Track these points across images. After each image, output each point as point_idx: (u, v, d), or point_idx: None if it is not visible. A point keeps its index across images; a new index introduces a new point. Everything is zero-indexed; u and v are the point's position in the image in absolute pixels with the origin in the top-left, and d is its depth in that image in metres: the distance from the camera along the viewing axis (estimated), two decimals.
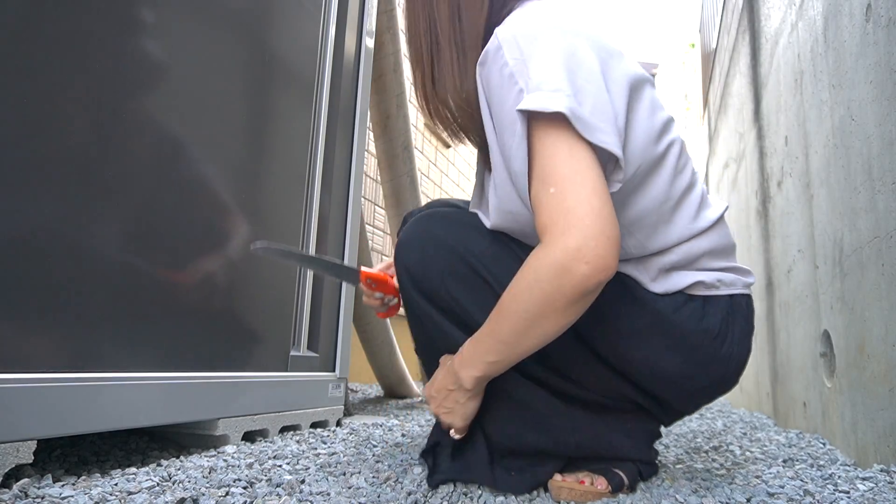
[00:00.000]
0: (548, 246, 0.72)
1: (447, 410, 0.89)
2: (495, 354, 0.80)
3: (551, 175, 0.73)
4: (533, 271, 0.74)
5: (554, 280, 0.71)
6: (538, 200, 0.74)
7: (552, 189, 0.73)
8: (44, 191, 0.90)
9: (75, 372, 0.91)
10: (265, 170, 1.39)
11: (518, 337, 0.77)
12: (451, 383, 0.87)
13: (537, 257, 0.74)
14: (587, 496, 0.87)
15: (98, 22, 0.98)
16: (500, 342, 0.79)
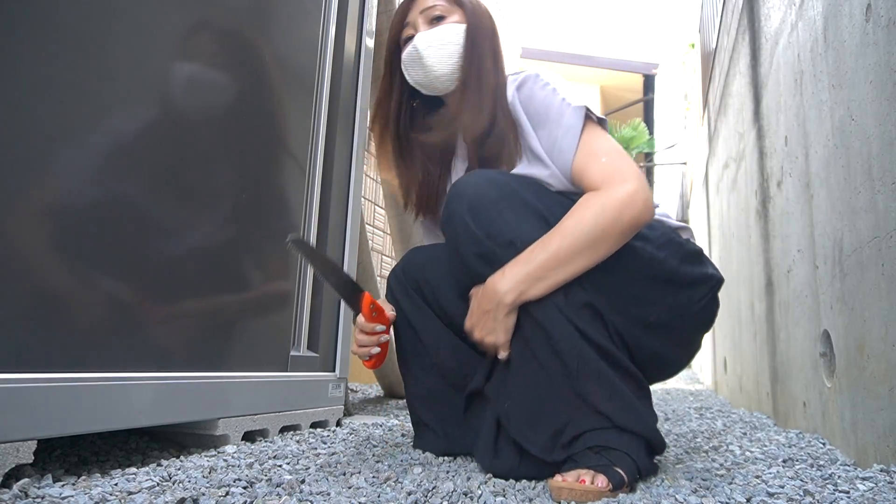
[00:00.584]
0: (610, 189, 0.99)
1: (490, 331, 0.99)
2: (543, 270, 0.96)
3: (601, 150, 1.04)
4: (599, 204, 0.97)
5: (617, 210, 0.96)
6: (589, 167, 1.03)
7: (604, 158, 1.02)
8: (42, 190, 0.90)
9: (75, 372, 0.91)
10: (265, 169, 1.39)
11: (572, 255, 0.96)
12: (488, 303, 0.99)
13: (602, 195, 0.98)
14: (588, 495, 0.86)
15: (97, 21, 0.98)
16: (554, 258, 0.96)
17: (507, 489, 0.91)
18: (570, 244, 0.96)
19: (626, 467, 0.92)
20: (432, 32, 1.16)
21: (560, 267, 0.96)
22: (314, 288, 1.54)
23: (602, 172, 1.01)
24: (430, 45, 1.15)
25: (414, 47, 1.16)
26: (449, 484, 0.91)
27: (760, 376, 2.48)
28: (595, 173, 1.02)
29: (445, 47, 1.15)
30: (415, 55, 1.16)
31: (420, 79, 1.18)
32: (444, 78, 1.16)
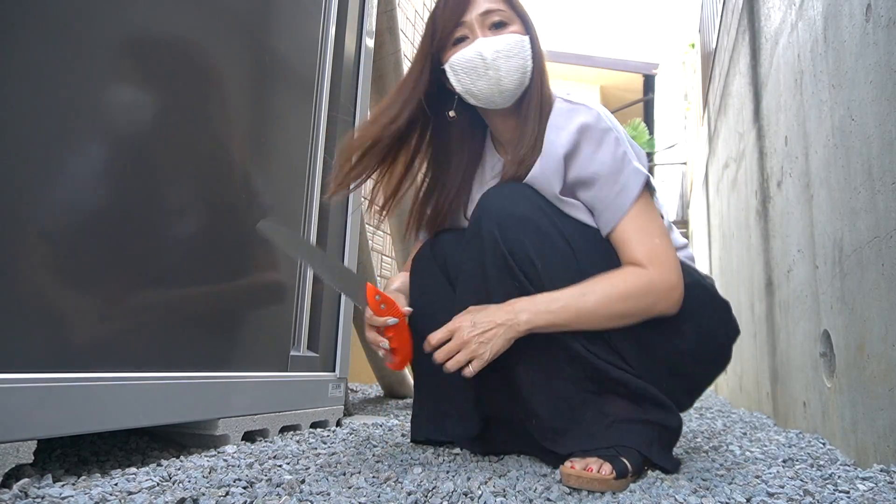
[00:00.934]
0: (656, 275, 1.01)
1: (484, 341, 0.98)
2: (566, 321, 0.98)
3: (654, 230, 1.04)
4: (644, 288, 1.00)
5: (655, 300, 1.01)
6: (639, 241, 1.03)
7: (657, 240, 1.03)
8: (42, 190, 0.90)
9: (75, 372, 0.91)
10: (265, 169, 1.39)
11: (596, 319, 0.99)
12: (502, 318, 0.98)
13: (648, 278, 1.00)
14: (594, 483, 0.92)
15: (97, 21, 0.98)
16: (578, 315, 0.98)
17: (507, 489, 0.91)
18: (601, 311, 0.98)
19: (632, 458, 0.98)
20: (499, 40, 1.07)
21: (580, 322, 0.99)
22: (314, 288, 1.53)
23: (651, 253, 1.02)
24: (497, 53, 1.06)
25: (478, 54, 1.07)
26: (449, 484, 0.91)
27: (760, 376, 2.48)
28: (643, 250, 1.02)
29: (512, 59, 1.08)
30: (477, 62, 1.07)
31: (482, 90, 1.09)
32: (509, 94, 1.09)
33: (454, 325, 1.01)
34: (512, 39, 1.08)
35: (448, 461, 1.11)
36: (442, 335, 1.01)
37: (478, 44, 1.07)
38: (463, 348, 0.98)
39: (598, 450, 0.99)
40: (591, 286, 1.00)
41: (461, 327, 0.99)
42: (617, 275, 1.01)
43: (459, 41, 1.10)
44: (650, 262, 1.01)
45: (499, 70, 1.07)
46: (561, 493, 0.91)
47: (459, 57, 1.09)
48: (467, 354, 0.98)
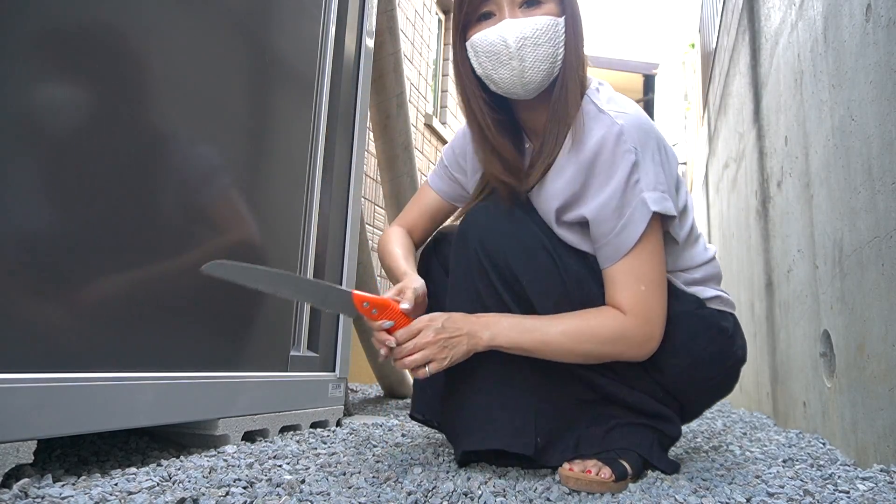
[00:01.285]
0: (631, 323, 0.95)
1: (445, 348, 0.94)
2: (529, 345, 0.95)
3: (645, 276, 0.96)
4: (616, 331, 0.95)
5: (622, 346, 0.96)
6: (625, 285, 0.96)
7: (643, 287, 0.96)
8: (43, 191, 0.90)
9: (75, 372, 0.91)
10: (265, 170, 1.39)
11: (561, 352, 0.96)
12: (468, 328, 0.95)
13: (624, 325, 0.95)
14: (593, 485, 0.92)
15: (97, 21, 0.98)
16: (543, 343, 0.95)
17: (507, 489, 0.91)
18: (566, 346, 0.95)
19: (632, 460, 0.98)
20: (527, 24, 0.94)
21: (544, 352, 0.96)
22: None
23: (634, 300, 0.95)
24: (524, 40, 0.94)
25: (501, 38, 0.94)
26: (449, 484, 0.91)
27: (760, 376, 2.48)
28: (628, 296, 0.96)
29: (541, 48, 0.95)
30: (500, 48, 0.95)
31: (503, 78, 0.97)
32: (534, 87, 0.98)
33: (421, 324, 0.95)
34: (542, 23, 0.95)
35: (448, 461, 1.11)
36: (406, 334, 0.95)
37: (503, 26, 0.95)
38: (424, 349, 0.93)
39: (597, 453, 0.99)
40: (564, 320, 0.96)
41: (428, 327, 0.94)
42: (593, 315, 0.97)
43: (484, 17, 0.98)
44: (630, 310, 0.95)
45: (524, 60, 0.95)
46: (561, 494, 0.91)
47: (481, 38, 0.97)
48: (425, 356, 0.93)
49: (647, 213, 0.94)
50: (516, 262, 0.98)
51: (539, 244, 1.00)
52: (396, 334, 0.95)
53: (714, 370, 1.06)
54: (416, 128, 4.54)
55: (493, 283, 0.99)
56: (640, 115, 0.98)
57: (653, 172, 0.96)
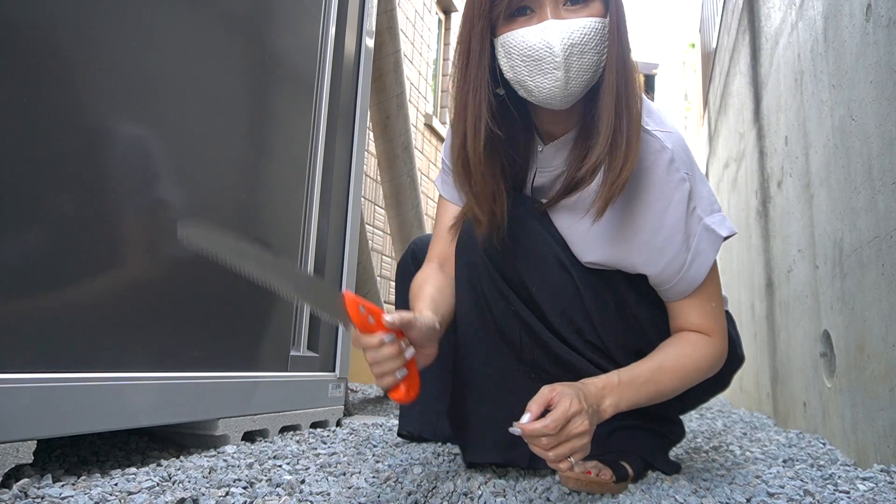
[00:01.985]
0: (719, 344, 0.95)
1: (592, 429, 0.81)
2: (646, 400, 0.90)
3: (713, 294, 0.95)
4: (715, 357, 0.94)
5: (713, 368, 0.95)
6: (700, 308, 0.94)
7: (713, 304, 0.95)
8: (43, 190, 0.90)
9: (75, 372, 0.91)
10: (265, 170, 1.39)
11: (671, 393, 0.93)
12: (593, 405, 0.82)
13: (716, 349, 0.94)
14: (593, 486, 0.91)
15: (97, 21, 0.98)
16: (658, 392, 0.91)
17: (507, 489, 0.91)
18: (671, 385, 0.92)
19: (633, 462, 0.97)
20: (575, 28, 0.81)
21: (658, 397, 0.91)
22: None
23: (711, 320, 0.94)
24: (571, 47, 0.81)
25: (546, 44, 0.81)
26: (449, 484, 0.91)
27: (760, 376, 2.48)
28: (704, 317, 0.94)
29: (587, 55, 0.82)
30: (543, 54, 0.81)
31: (541, 88, 0.84)
32: (573, 97, 0.85)
33: (573, 408, 0.77)
34: (591, 26, 0.81)
35: (448, 461, 1.11)
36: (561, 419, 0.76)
37: (547, 29, 0.81)
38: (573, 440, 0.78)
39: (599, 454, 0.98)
40: (666, 360, 0.92)
41: (581, 413, 0.78)
42: (688, 347, 0.93)
43: (520, 13, 0.83)
44: (713, 332, 0.94)
45: (569, 70, 0.82)
46: (561, 494, 0.91)
47: (519, 38, 0.83)
48: (570, 448, 0.78)
49: (716, 241, 0.91)
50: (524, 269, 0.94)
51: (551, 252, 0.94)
52: (553, 419, 0.76)
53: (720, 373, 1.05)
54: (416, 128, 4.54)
55: (502, 291, 0.95)
56: (678, 132, 0.92)
57: (705, 194, 0.91)
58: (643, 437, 1.02)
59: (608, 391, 0.86)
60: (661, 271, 0.91)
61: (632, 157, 0.83)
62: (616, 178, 0.83)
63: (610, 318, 0.96)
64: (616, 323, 0.97)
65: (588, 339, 0.96)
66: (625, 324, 0.97)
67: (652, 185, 0.88)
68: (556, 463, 0.78)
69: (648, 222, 0.89)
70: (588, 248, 0.94)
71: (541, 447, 0.77)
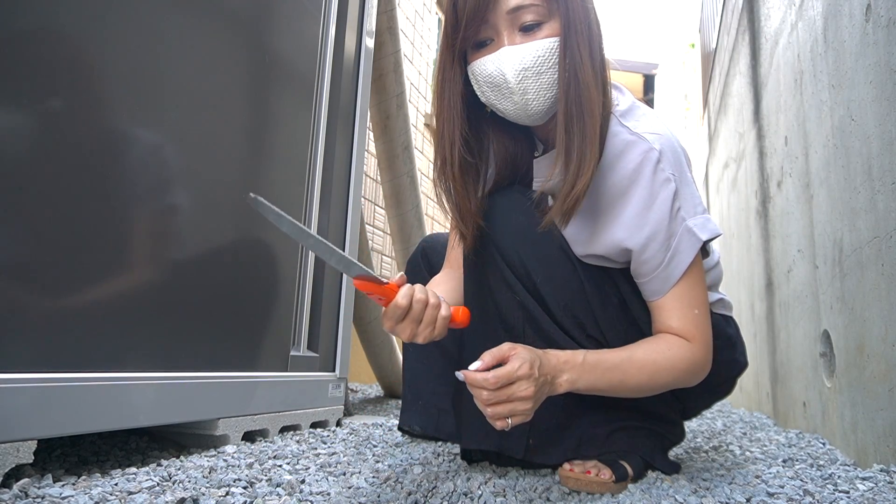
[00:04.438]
0: (699, 351, 0.93)
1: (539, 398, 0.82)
2: (607, 387, 0.90)
3: (696, 300, 0.93)
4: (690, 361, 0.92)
5: (692, 375, 0.93)
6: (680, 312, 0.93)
7: (696, 311, 0.93)
8: (43, 190, 0.90)
9: (75, 372, 0.91)
10: (265, 169, 1.39)
11: (636, 389, 0.91)
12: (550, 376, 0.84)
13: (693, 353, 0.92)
14: (592, 486, 0.92)
15: (96, 21, 0.98)
16: (622, 382, 0.90)
17: (507, 489, 0.91)
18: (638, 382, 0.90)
19: (633, 462, 0.97)
20: (527, 52, 0.87)
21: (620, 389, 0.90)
22: (314, 288, 1.54)
23: (695, 327, 0.93)
24: (524, 71, 0.87)
25: (500, 71, 0.87)
26: (449, 484, 0.91)
27: (760, 376, 2.48)
28: (688, 323, 0.93)
29: (544, 76, 0.88)
30: (499, 81, 0.88)
31: (507, 109, 0.92)
32: (540, 115, 0.92)
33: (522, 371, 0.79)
34: (544, 48, 0.87)
35: (448, 461, 1.11)
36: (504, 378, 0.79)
37: (501, 56, 0.87)
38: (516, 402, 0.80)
39: (599, 454, 0.99)
40: (638, 353, 0.91)
41: (529, 378, 0.80)
42: (664, 346, 0.92)
43: (482, 45, 0.90)
44: (694, 337, 0.92)
45: (526, 93, 0.88)
46: (561, 494, 0.91)
47: (481, 67, 0.90)
48: (513, 410, 0.80)
49: (695, 243, 0.91)
50: (529, 259, 0.95)
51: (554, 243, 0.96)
52: (495, 374, 0.78)
53: (719, 378, 1.06)
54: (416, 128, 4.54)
55: (507, 280, 0.96)
56: (671, 134, 0.94)
57: (689, 195, 0.93)
58: (643, 437, 1.02)
59: (568, 367, 0.86)
60: (640, 265, 0.93)
61: (585, 171, 0.86)
62: (569, 193, 0.87)
63: (612, 314, 0.97)
64: (618, 319, 0.97)
65: (590, 333, 0.96)
66: (626, 321, 0.98)
67: (637, 185, 0.91)
68: (493, 421, 0.80)
69: (632, 219, 0.91)
70: (578, 245, 0.96)
71: (481, 400, 0.79)
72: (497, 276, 0.96)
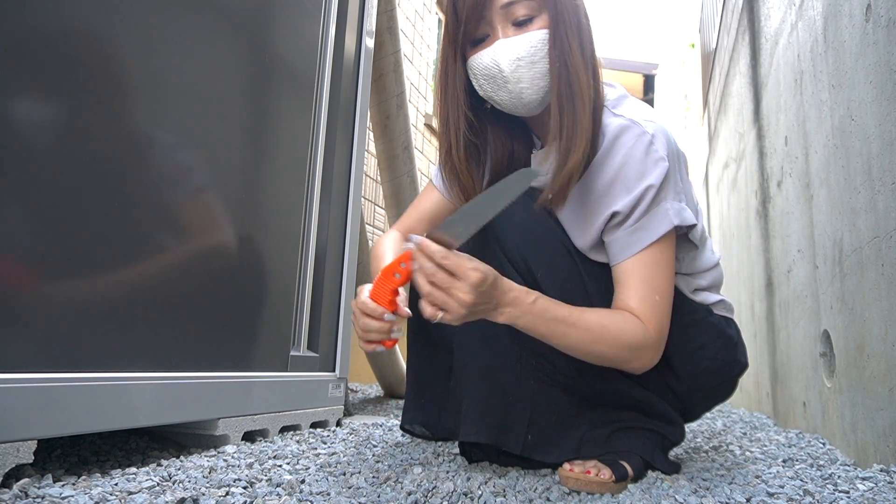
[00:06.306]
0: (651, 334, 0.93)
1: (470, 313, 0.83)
2: (546, 334, 0.89)
3: (659, 287, 0.94)
4: (638, 339, 0.92)
5: (635, 355, 0.93)
6: (642, 293, 0.93)
7: (657, 297, 0.94)
8: (43, 190, 0.90)
9: (75, 372, 0.91)
10: (265, 170, 1.39)
11: (576, 347, 0.91)
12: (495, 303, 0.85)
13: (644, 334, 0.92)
14: (592, 486, 0.92)
15: (96, 21, 0.98)
16: (564, 335, 0.89)
17: (507, 489, 0.91)
18: (576, 340, 0.90)
19: (633, 462, 0.98)
20: (520, 44, 0.93)
21: (557, 342, 0.90)
22: (314, 288, 1.54)
23: (653, 312, 0.93)
24: (517, 61, 0.93)
25: (495, 63, 0.94)
26: (449, 484, 0.91)
27: (760, 376, 2.48)
28: (646, 306, 0.93)
29: (538, 65, 0.93)
30: (495, 72, 0.94)
31: (503, 100, 0.97)
32: (535, 104, 0.97)
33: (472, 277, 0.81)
34: (535, 39, 0.93)
35: (448, 461, 1.11)
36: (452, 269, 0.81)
37: (496, 49, 0.93)
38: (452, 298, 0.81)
39: (599, 454, 0.99)
40: (588, 316, 0.91)
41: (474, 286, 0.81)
42: (617, 317, 0.92)
43: (479, 41, 0.96)
44: (649, 321, 0.93)
45: (520, 82, 0.94)
46: (561, 494, 0.91)
47: (478, 61, 0.96)
48: (444, 303, 0.82)
49: (667, 223, 0.93)
50: (530, 254, 0.96)
51: (556, 239, 0.98)
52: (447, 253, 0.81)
53: (720, 378, 1.06)
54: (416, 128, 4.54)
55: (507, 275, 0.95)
56: (665, 125, 0.97)
57: (678, 183, 0.96)
58: (644, 437, 1.03)
59: (515, 304, 0.87)
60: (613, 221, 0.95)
61: (576, 148, 0.91)
62: (561, 169, 0.92)
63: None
64: None
65: None
66: None
67: (629, 165, 0.94)
68: (425, 305, 0.83)
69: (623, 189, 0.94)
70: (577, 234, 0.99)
71: (422, 271, 0.82)
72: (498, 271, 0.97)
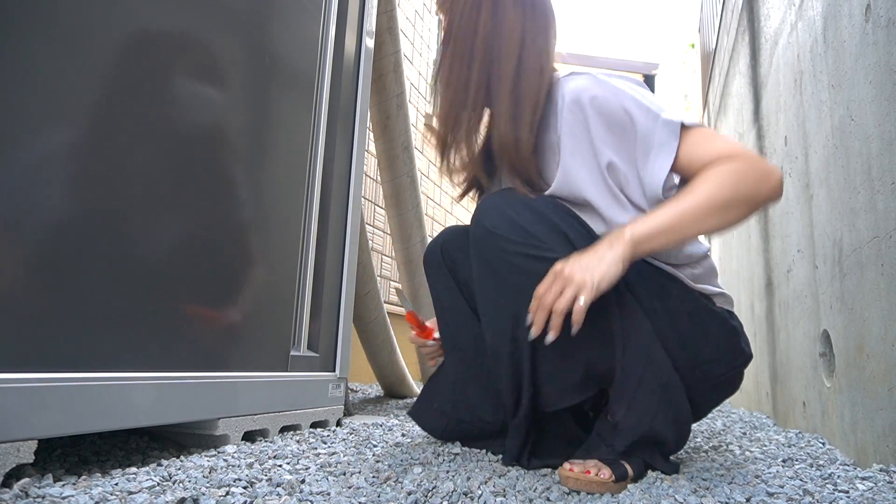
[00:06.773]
0: (746, 159, 0.92)
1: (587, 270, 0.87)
2: (670, 223, 0.90)
3: (721, 138, 0.96)
4: (741, 170, 0.91)
5: (758, 180, 0.91)
6: (706, 147, 0.94)
7: (718, 142, 0.94)
8: (43, 190, 0.90)
9: (75, 372, 0.91)
10: (265, 170, 1.39)
11: (706, 215, 0.90)
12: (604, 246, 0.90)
13: (739, 161, 0.92)
14: (592, 485, 0.92)
15: (96, 21, 0.98)
16: (683, 217, 0.90)
17: (507, 489, 0.91)
18: (708, 205, 0.90)
19: (633, 462, 0.98)
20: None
21: (688, 226, 0.91)
22: (314, 288, 1.54)
23: (728, 147, 0.94)
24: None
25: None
26: (449, 484, 0.91)
27: (760, 376, 2.48)
28: (718, 148, 0.94)
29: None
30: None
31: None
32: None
33: (544, 281, 0.90)
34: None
35: (448, 461, 1.11)
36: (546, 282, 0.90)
37: None
38: (567, 285, 0.87)
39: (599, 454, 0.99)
40: (687, 191, 0.92)
41: (562, 267, 0.89)
42: (708, 172, 0.92)
43: None
44: (731, 154, 0.92)
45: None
46: (561, 494, 0.91)
47: None
48: (574, 289, 0.87)
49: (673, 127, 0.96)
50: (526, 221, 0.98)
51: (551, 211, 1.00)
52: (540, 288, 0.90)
53: (724, 367, 1.06)
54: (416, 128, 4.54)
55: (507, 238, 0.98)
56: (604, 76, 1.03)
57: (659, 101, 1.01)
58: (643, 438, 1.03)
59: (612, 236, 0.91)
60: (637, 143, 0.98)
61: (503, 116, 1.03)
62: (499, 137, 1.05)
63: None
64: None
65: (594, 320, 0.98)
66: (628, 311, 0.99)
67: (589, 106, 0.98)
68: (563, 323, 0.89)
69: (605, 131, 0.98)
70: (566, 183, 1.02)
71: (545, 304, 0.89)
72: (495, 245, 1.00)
